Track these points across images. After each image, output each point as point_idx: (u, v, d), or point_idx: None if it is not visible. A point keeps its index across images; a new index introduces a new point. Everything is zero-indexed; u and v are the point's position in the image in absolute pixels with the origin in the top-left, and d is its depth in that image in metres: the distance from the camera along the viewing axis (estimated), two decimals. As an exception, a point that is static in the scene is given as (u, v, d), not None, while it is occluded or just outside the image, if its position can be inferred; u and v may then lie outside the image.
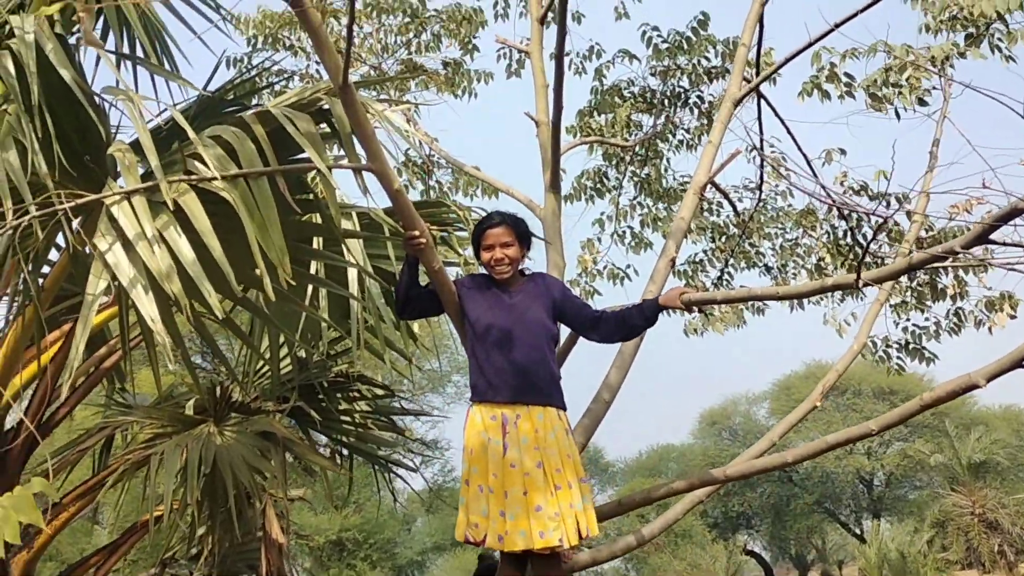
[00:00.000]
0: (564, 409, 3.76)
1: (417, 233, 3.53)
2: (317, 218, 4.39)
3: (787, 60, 5.84)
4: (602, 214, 8.43)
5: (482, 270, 3.92)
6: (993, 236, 3.26)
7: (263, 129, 3.40)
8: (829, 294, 7.54)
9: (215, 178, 3.05)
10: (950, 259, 3.13)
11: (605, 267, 8.43)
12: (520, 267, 3.86)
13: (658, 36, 7.69)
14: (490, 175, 7.35)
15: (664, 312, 3.78)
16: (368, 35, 8.27)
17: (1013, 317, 5.83)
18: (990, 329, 6.48)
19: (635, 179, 8.52)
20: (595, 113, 8.27)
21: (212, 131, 3.41)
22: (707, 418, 42.56)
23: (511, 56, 8.22)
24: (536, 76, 6.11)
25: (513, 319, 3.70)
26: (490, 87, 8.54)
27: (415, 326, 5.74)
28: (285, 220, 3.40)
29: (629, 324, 3.79)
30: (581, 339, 4.34)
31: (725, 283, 8.39)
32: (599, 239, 8.44)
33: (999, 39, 6.15)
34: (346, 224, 4.48)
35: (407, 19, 8.15)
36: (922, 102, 6.05)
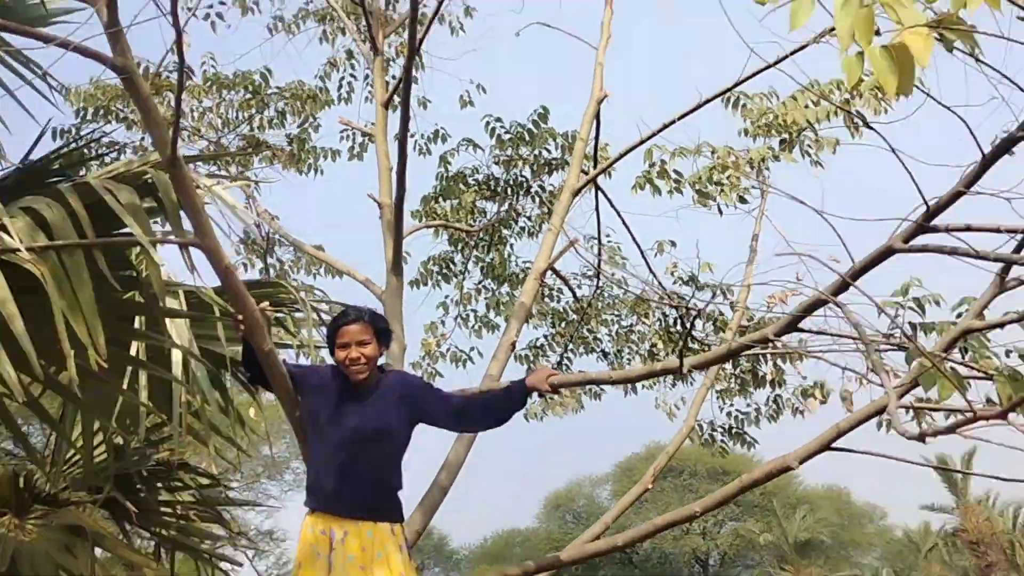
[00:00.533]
0: (399, 522, 3.60)
1: (241, 317, 3.40)
2: (140, 296, 4.18)
3: (620, 156, 6.14)
4: (447, 297, 8.48)
5: (330, 360, 3.76)
6: (807, 325, 3.49)
7: (81, 201, 3.23)
8: (661, 379, 7.81)
9: (18, 250, 2.86)
10: (765, 345, 3.31)
11: (448, 350, 8.44)
12: (379, 363, 3.67)
13: (501, 127, 7.92)
14: (331, 255, 7.28)
15: (531, 394, 3.67)
16: (208, 110, 8.11)
17: (823, 402, 6.21)
18: (803, 414, 6.87)
19: (480, 264, 8.64)
20: (440, 198, 8.38)
21: (23, 202, 3.20)
22: (552, 501, 42.74)
23: (355, 138, 8.27)
24: (380, 159, 6.16)
25: (359, 425, 3.51)
26: (338, 165, 8.54)
27: (251, 410, 5.52)
28: (103, 297, 3.22)
29: (498, 410, 3.65)
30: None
31: (564, 367, 8.55)
32: (443, 322, 8.47)
33: (808, 145, 6.71)
34: (172, 303, 4.28)
35: (248, 95, 8.06)
36: (742, 200, 6.48)
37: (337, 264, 7.14)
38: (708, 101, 6.11)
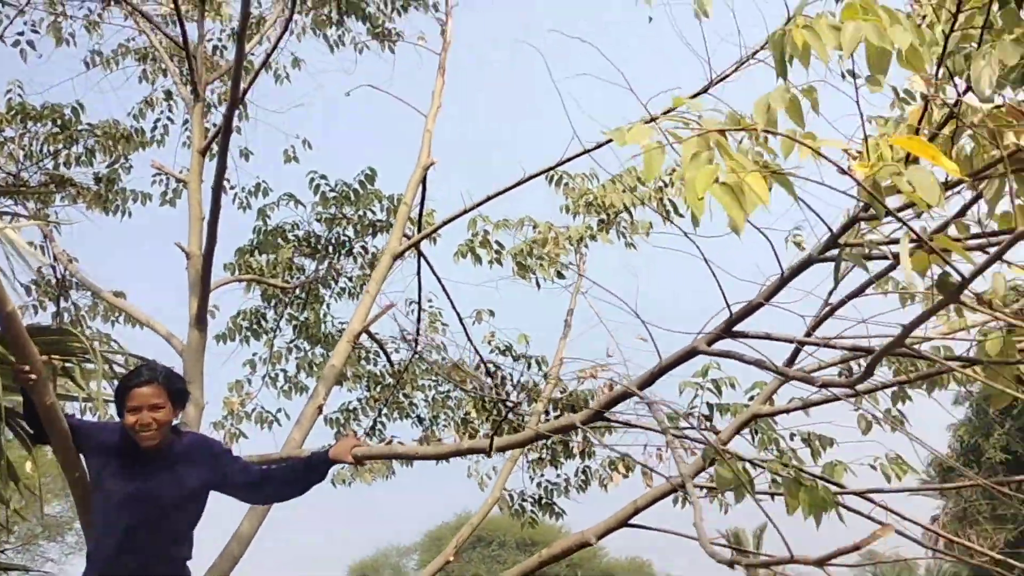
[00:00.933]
0: None
1: (27, 367, 3.12)
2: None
3: (443, 224, 6.20)
4: (255, 355, 8.15)
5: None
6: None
7: None
8: (473, 448, 7.80)
9: None
10: (571, 431, 3.41)
11: (254, 410, 8.10)
12: (174, 422, 3.43)
13: (326, 184, 7.81)
14: (131, 304, 6.85)
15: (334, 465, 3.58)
16: (9, 140, 7.54)
17: (625, 476, 6.42)
18: (606, 487, 7.05)
19: (293, 322, 8.39)
20: (256, 252, 8.11)
21: None
22: (356, 570, 41.41)
23: (168, 183, 7.91)
24: (192, 207, 5.93)
25: (148, 490, 3.26)
26: (149, 210, 8.10)
27: (27, 465, 5.05)
28: None
29: (299, 481, 3.51)
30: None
31: (377, 433, 8.39)
32: (249, 381, 8.12)
33: (624, 227, 7.02)
34: (-60, 346, 3.87)
35: (56, 129, 7.56)
36: (560, 275, 6.68)
37: (136, 314, 6.71)
38: (531, 177, 6.30)
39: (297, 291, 8.10)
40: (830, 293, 3.42)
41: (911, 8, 2.64)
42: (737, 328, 3.00)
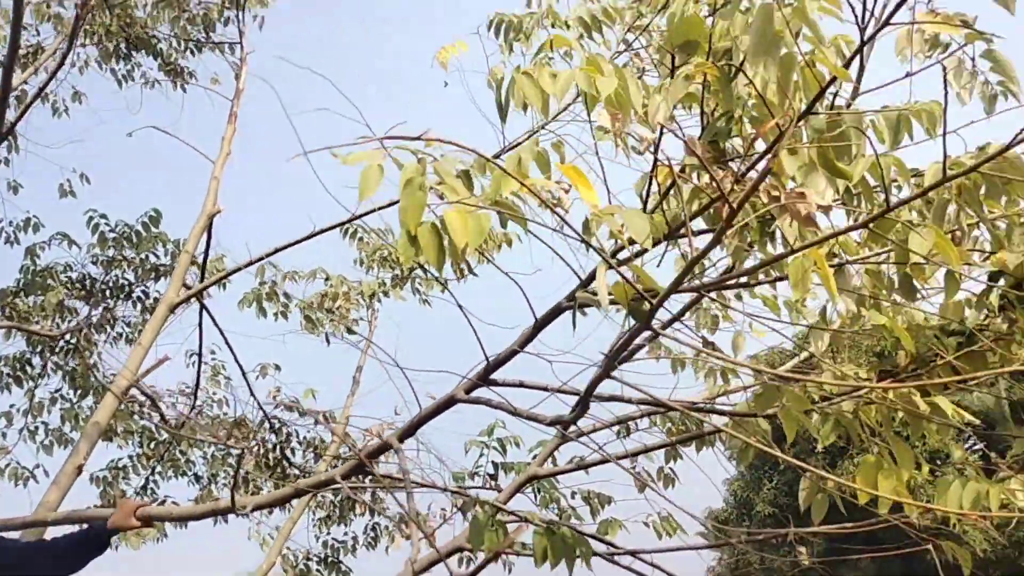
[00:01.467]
0: None
1: None
2: None
3: (224, 276, 5.99)
4: (11, 406, 7.45)
5: None
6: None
7: None
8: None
9: None
10: (336, 485, 3.32)
11: (8, 466, 7.38)
12: None
13: (106, 224, 7.33)
14: None
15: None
16: None
17: (407, 539, 6.31)
18: (387, 549, 6.94)
19: (61, 370, 7.75)
20: (23, 293, 7.47)
21: None
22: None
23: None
24: (-57, 248, 5.38)
25: None
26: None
27: None
28: None
29: (72, 557, 3.10)
30: None
31: (150, 492, 7.86)
32: (4, 434, 7.40)
33: (419, 284, 7.02)
34: None
35: None
36: (350, 331, 6.57)
37: None
38: (325, 231, 6.17)
39: (67, 337, 7.50)
40: (610, 350, 3.52)
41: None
42: (494, 376, 3.04)
